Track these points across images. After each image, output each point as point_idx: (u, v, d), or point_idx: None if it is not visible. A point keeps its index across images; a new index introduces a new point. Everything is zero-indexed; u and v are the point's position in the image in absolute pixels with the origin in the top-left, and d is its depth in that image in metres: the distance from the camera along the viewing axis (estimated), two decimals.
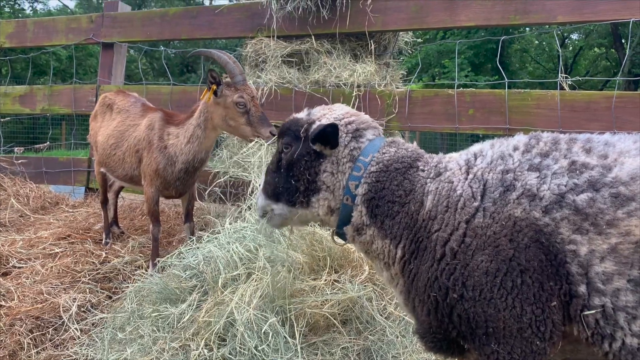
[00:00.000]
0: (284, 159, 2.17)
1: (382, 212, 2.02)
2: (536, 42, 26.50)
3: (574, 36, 27.49)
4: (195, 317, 2.73)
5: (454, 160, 2.00)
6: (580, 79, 4.93)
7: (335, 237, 2.31)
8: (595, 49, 26.88)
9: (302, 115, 2.22)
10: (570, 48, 27.47)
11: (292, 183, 2.15)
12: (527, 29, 19.93)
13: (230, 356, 2.51)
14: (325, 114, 2.16)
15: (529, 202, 1.77)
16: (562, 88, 4.01)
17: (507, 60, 24.14)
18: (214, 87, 3.52)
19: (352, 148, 2.11)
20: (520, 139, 1.96)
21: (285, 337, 2.55)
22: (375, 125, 2.23)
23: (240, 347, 2.50)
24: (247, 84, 3.61)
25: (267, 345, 2.50)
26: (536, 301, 1.73)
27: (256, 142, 4.12)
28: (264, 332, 2.54)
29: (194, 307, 2.78)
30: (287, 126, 2.20)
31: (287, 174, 2.15)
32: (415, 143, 2.23)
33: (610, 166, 1.74)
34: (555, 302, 1.73)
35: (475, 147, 2.02)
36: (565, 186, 1.75)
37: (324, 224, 2.27)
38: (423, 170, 2.03)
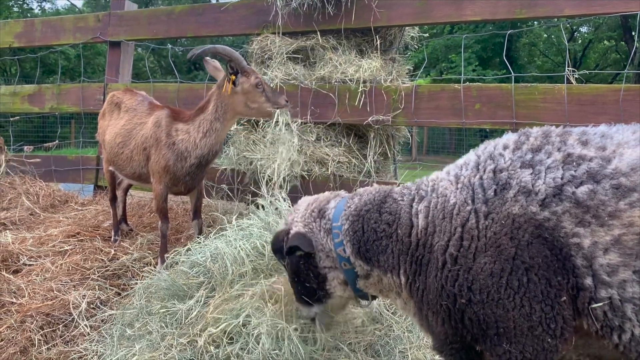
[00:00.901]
0: (290, 271, 2.36)
1: (374, 253, 2.10)
2: (545, 35, 26.28)
3: (584, 29, 27.24)
4: (203, 313, 2.75)
5: (444, 179, 2.04)
6: (587, 72, 4.87)
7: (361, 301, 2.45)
8: (605, 42, 26.61)
9: (281, 227, 2.45)
10: (580, 41, 27.22)
11: (307, 286, 2.33)
12: (535, 22, 19.79)
13: (240, 352, 2.51)
14: (294, 219, 2.35)
15: (525, 198, 1.77)
16: (569, 81, 3.98)
17: (515, 55, 24.00)
18: (233, 77, 3.62)
19: (323, 225, 2.25)
20: (509, 137, 1.98)
21: (297, 344, 2.53)
22: (336, 194, 2.39)
23: (252, 347, 2.49)
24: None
25: (277, 353, 2.48)
26: (544, 298, 1.73)
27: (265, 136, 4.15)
28: (275, 338, 2.53)
29: (202, 303, 2.80)
30: (273, 246, 2.43)
31: (299, 280, 2.33)
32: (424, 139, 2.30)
33: (609, 157, 1.73)
34: (564, 297, 1.72)
35: (461, 160, 2.07)
36: (562, 179, 1.75)
37: (349, 300, 2.42)
38: (402, 200, 2.10)
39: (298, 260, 2.28)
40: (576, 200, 1.71)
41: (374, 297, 2.39)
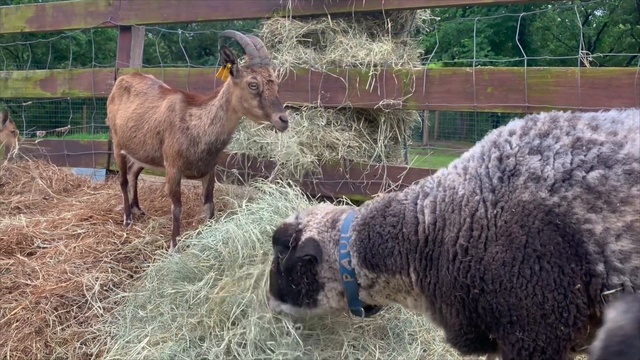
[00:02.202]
0: (281, 265, 2.31)
1: (381, 257, 2.10)
2: (558, 19, 25.85)
3: (598, 12, 26.73)
4: (211, 294, 2.75)
5: (451, 173, 2.03)
6: (601, 55, 4.80)
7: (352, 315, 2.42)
8: (620, 26, 26.11)
9: (291, 220, 2.38)
10: (594, 25, 26.73)
11: (293, 287, 2.28)
12: (549, 5, 19.49)
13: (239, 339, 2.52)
14: (309, 221, 2.31)
15: (535, 184, 1.75)
16: (582, 65, 3.92)
17: (528, 39, 23.66)
18: (229, 65, 3.51)
19: (333, 235, 2.24)
20: (515, 123, 1.97)
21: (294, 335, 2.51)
22: (351, 208, 2.40)
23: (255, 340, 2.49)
24: (265, 67, 3.53)
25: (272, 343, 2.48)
26: (557, 287, 1.72)
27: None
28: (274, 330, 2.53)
29: (210, 285, 2.81)
30: (278, 235, 2.37)
31: (287, 278, 2.29)
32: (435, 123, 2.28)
33: (621, 143, 1.71)
34: (579, 285, 1.71)
35: (467, 153, 2.06)
36: (571, 164, 1.73)
37: (339, 311, 2.38)
38: (405, 199, 2.10)
39: (299, 261, 2.24)
40: (587, 186, 1.69)
41: (368, 311, 2.35)
